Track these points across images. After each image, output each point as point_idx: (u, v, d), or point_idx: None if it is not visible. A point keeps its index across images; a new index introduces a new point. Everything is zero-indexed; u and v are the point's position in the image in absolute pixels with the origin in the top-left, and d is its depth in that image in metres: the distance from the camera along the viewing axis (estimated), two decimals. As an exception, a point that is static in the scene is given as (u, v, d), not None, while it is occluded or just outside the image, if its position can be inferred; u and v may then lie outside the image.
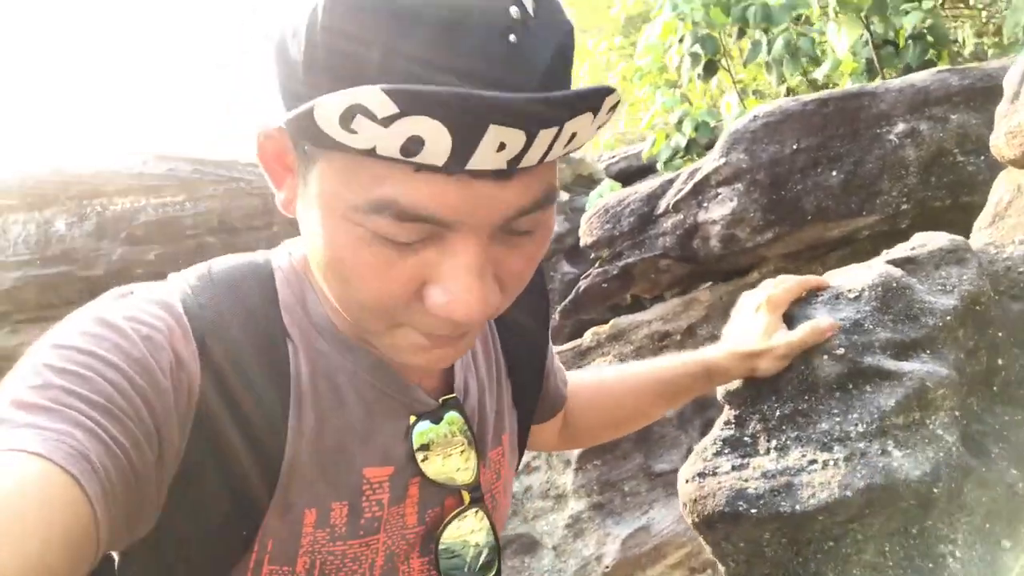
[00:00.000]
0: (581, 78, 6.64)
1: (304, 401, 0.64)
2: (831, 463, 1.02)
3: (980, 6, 4.47)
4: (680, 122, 4.77)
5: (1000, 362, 1.20)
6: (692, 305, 2.86)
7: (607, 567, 2.20)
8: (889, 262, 1.15)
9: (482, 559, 0.76)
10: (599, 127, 0.54)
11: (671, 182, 2.82)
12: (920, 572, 1.02)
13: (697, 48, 4.61)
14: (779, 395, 1.10)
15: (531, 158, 0.50)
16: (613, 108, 0.53)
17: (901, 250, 1.19)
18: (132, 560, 0.58)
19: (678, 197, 2.65)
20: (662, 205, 2.74)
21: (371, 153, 0.49)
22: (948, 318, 1.07)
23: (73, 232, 5.47)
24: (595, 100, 0.50)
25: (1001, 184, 1.43)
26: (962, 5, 4.53)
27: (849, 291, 1.10)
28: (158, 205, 5.53)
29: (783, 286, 1.09)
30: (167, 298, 0.61)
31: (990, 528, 1.03)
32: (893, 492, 0.97)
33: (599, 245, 2.87)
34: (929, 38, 3.46)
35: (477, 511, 0.75)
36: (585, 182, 5.28)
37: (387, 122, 0.46)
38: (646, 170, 5.26)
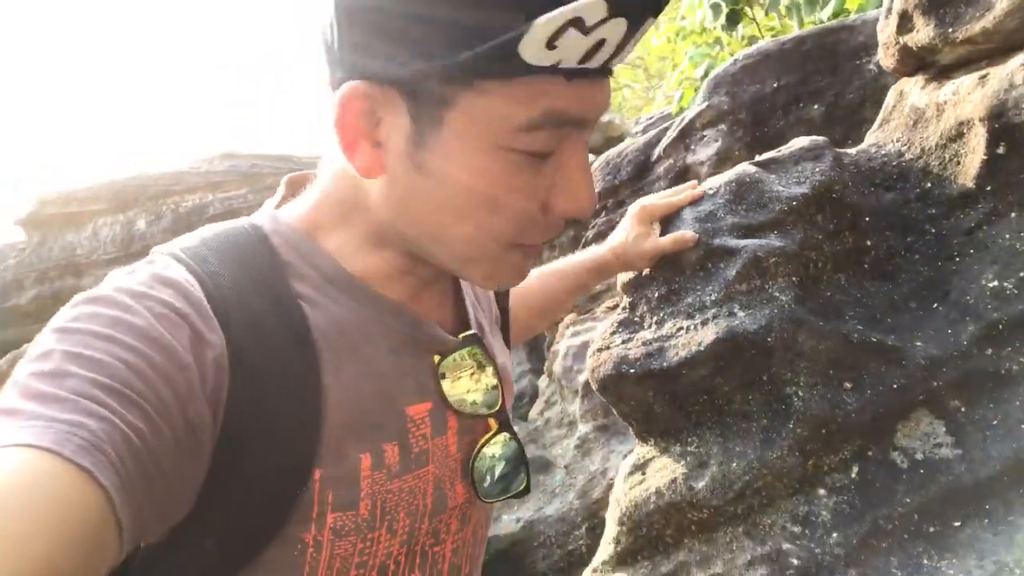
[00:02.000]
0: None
1: (334, 355, 0.65)
2: (692, 328, 1.24)
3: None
4: (706, 74, 4.87)
5: (869, 243, 1.39)
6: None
7: (611, 480, 2.44)
8: (754, 163, 1.35)
9: (500, 468, 0.80)
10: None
11: (666, 130, 3.00)
12: (777, 414, 1.24)
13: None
14: (658, 280, 1.32)
15: (619, 57, 0.56)
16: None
17: (769, 152, 1.39)
18: (178, 539, 0.56)
19: (667, 142, 2.83)
20: (655, 152, 2.93)
21: (548, 70, 0.53)
22: (795, 203, 1.27)
23: (152, 229, 6.01)
24: (663, 3, 0.55)
25: (890, 92, 1.60)
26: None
27: (710, 189, 1.31)
28: (224, 199, 6.01)
29: (662, 199, 1.31)
30: (176, 274, 0.60)
31: (833, 373, 1.24)
32: (736, 343, 1.19)
33: (603, 195, 3.08)
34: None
35: (506, 435, 0.80)
36: (615, 143, 5.44)
37: (592, 28, 0.51)
38: (677, 127, 5.36)
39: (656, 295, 1.32)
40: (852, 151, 1.49)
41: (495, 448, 0.79)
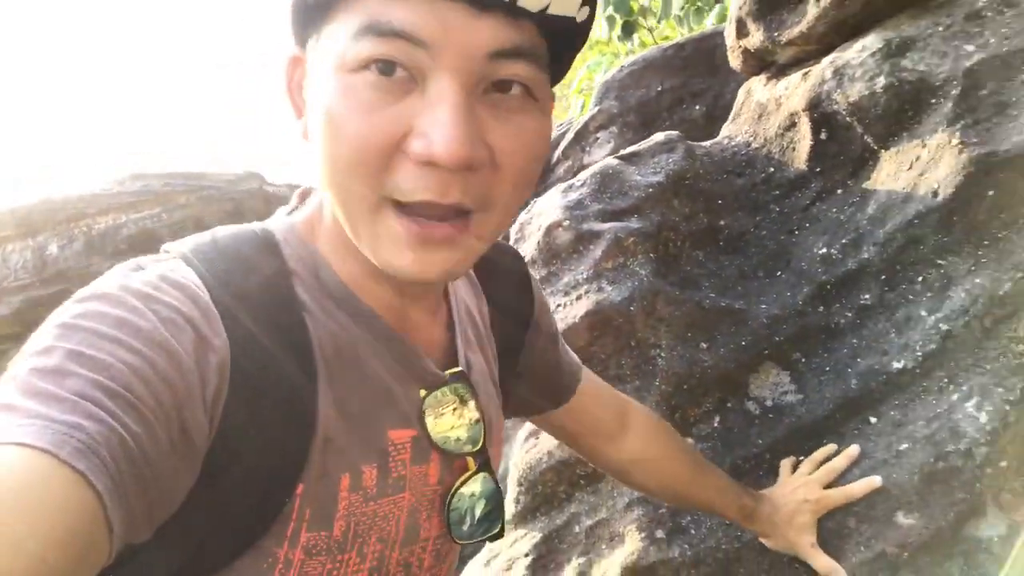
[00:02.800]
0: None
1: (330, 370, 0.65)
2: (568, 303, 1.41)
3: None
4: (605, 82, 5.09)
5: (722, 223, 1.58)
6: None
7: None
8: (617, 157, 1.53)
9: (480, 509, 0.79)
10: (578, 32, 0.59)
11: (564, 134, 3.19)
12: (645, 374, 1.41)
13: (611, 11, 4.93)
14: (538, 264, 1.48)
15: None
16: (589, 4, 0.58)
17: (630, 147, 1.57)
18: (158, 540, 0.55)
19: (565, 145, 3.02)
20: (555, 155, 3.11)
21: None
22: (651, 190, 1.45)
23: (65, 253, 5.94)
24: None
25: (740, 90, 1.80)
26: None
27: (579, 181, 1.48)
28: (137, 219, 5.98)
29: (838, 491, 1.22)
30: (183, 276, 0.59)
31: (691, 335, 1.42)
32: (603, 313, 1.36)
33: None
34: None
35: (484, 475, 0.79)
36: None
37: None
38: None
39: (538, 277, 1.47)
40: (707, 143, 1.68)
41: (474, 486, 0.78)
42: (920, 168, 1.28)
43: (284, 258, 0.67)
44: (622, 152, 1.55)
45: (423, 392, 0.73)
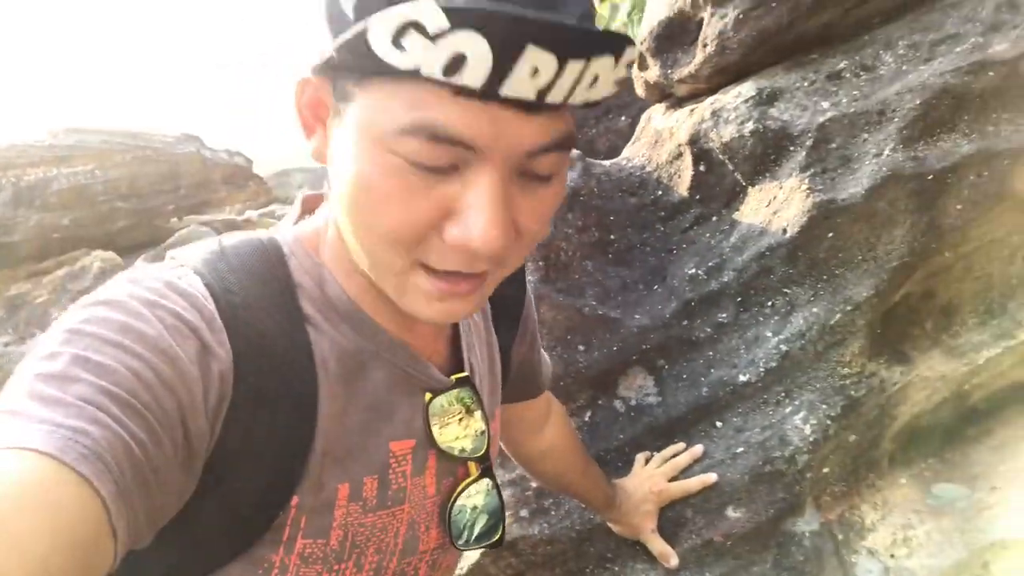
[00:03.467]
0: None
1: (331, 382, 0.65)
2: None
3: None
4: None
5: (612, 237, 1.73)
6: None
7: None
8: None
9: (481, 524, 0.79)
10: (617, 82, 0.56)
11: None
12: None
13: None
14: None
15: (557, 93, 0.52)
16: (629, 65, 0.56)
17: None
18: (154, 543, 0.55)
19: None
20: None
21: (414, 75, 0.50)
22: (547, 203, 1.59)
23: (-10, 202, 5.87)
24: (620, 43, 0.52)
25: (642, 117, 1.95)
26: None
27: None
28: (70, 174, 5.89)
29: (677, 485, 1.38)
30: (190, 284, 0.60)
31: (570, 338, 1.56)
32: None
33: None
34: None
35: (487, 481, 0.79)
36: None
37: (436, 38, 0.48)
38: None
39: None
40: (607, 163, 1.83)
41: (477, 499, 0.78)
42: (776, 207, 1.45)
43: (290, 270, 0.67)
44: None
45: (428, 396, 0.73)
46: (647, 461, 1.45)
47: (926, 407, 1.52)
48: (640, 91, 1.86)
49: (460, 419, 0.77)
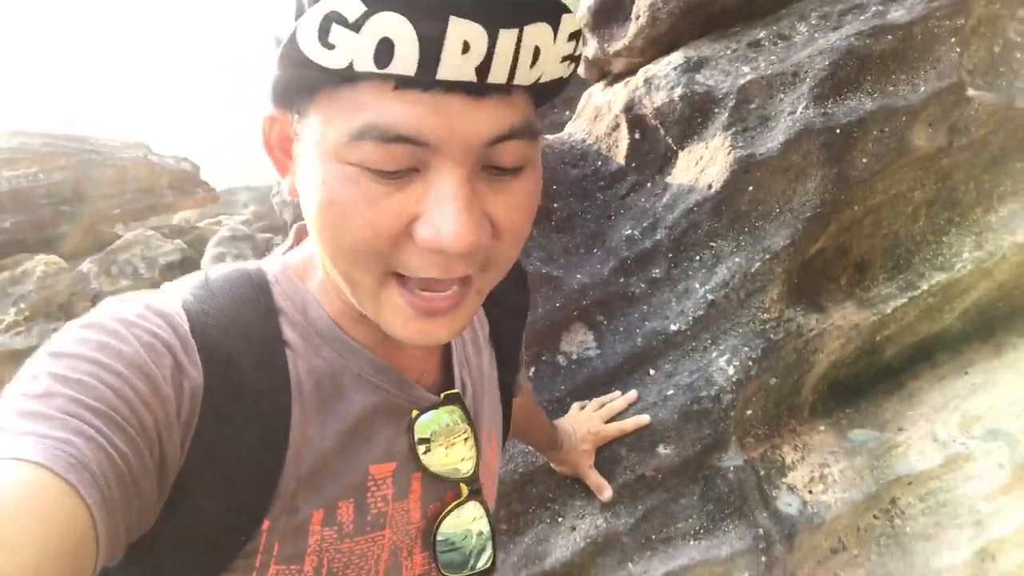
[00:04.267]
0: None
1: (306, 407, 0.65)
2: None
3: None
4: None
5: (556, 205, 1.82)
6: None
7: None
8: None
9: (469, 548, 0.77)
10: (564, 59, 0.55)
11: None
12: (471, 325, 1.62)
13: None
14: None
15: (499, 71, 0.51)
16: (575, 38, 0.55)
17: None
18: (125, 562, 0.55)
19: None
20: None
21: (350, 75, 0.50)
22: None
23: (-72, 205, 5.73)
24: (551, 8, 0.51)
25: (584, 95, 2.06)
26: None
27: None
28: (11, 177, 5.79)
29: (614, 425, 1.47)
30: (168, 306, 0.61)
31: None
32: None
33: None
34: None
35: (475, 503, 0.77)
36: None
37: (357, 26, 0.48)
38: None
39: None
40: (550, 137, 1.93)
41: (464, 522, 0.76)
42: (702, 165, 1.56)
43: (272, 296, 0.67)
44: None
45: (415, 413, 0.71)
46: (582, 408, 1.54)
47: (842, 356, 1.64)
48: (581, 70, 1.96)
49: (448, 438, 0.74)
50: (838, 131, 1.40)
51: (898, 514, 1.57)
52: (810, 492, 1.53)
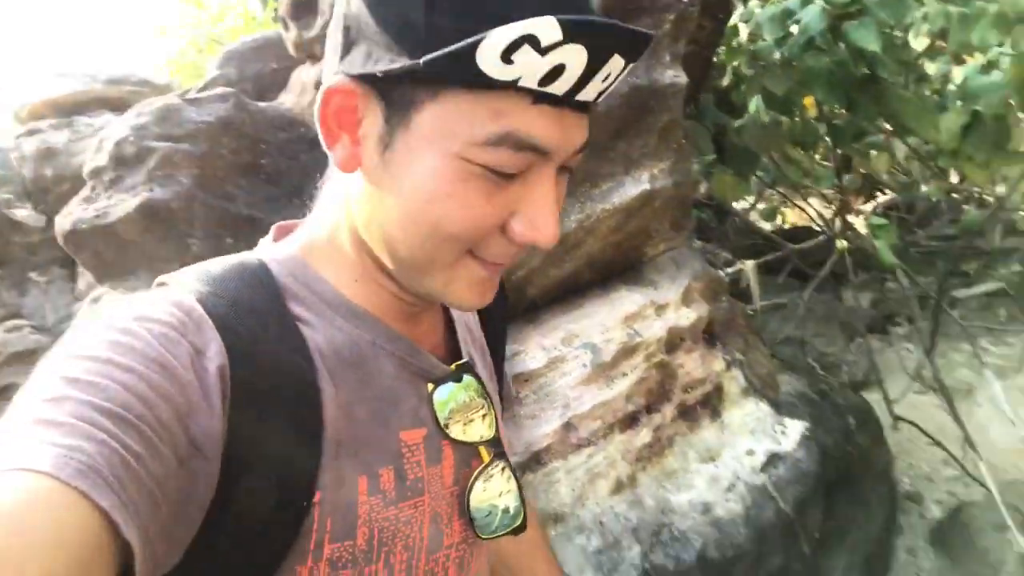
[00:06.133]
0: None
1: (331, 372, 0.64)
2: (126, 199, 1.91)
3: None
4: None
5: (263, 161, 2.19)
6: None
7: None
8: (179, 97, 2.06)
9: (501, 510, 0.78)
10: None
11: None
12: (183, 255, 1.96)
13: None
14: (109, 169, 1.96)
15: (593, 92, 0.55)
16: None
17: (191, 93, 2.11)
18: (185, 565, 0.55)
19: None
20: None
21: (504, 85, 0.51)
22: (202, 126, 2.01)
23: None
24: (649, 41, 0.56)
25: (295, 71, 2.43)
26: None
27: (145, 109, 1.99)
28: None
29: None
30: (178, 294, 0.60)
31: (222, 231, 2.00)
32: (152, 207, 1.88)
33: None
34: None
35: (502, 467, 0.78)
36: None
37: (547, 51, 0.50)
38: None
39: (108, 179, 1.96)
40: (262, 104, 2.29)
41: (493, 484, 0.77)
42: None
43: (273, 275, 0.66)
44: (185, 95, 2.09)
45: (431, 386, 0.72)
46: None
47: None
48: (291, 51, 2.34)
49: (466, 405, 0.75)
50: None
51: (518, 403, 2.12)
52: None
